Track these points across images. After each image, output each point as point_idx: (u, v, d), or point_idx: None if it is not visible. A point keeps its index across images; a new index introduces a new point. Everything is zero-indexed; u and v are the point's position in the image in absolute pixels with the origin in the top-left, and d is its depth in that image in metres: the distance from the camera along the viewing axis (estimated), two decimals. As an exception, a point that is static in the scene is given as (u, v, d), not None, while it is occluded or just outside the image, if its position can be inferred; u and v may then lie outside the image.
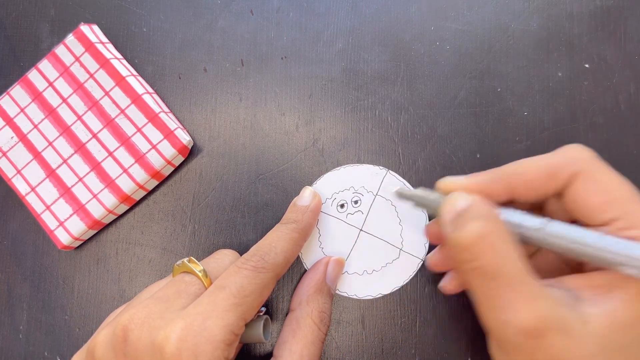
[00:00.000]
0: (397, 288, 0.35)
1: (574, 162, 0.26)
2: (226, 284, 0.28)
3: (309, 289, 0.34)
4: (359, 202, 0.36)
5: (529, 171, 0.27)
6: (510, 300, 0.23)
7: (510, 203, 0.28)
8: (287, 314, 0.34)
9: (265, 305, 0.36)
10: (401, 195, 0.31)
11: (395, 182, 0.36)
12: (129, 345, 0.26)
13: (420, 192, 0.30)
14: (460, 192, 0.27)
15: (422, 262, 0.35)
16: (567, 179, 0.26)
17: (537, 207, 0.30)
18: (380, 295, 0.35)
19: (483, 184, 0.28)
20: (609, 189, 0.25)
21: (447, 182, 0.29)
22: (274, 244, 0.31)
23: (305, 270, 0.36)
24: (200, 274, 0.29)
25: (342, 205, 0.36)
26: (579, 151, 0.26)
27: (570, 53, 0.36)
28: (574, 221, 0.27)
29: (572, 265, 0.29)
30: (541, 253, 0.31)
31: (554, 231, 0.25)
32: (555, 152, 0.27)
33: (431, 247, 0.35)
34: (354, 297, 0.36)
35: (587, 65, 0.36)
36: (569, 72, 0.36)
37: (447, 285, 0.32)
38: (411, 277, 0.35)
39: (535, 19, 0.37)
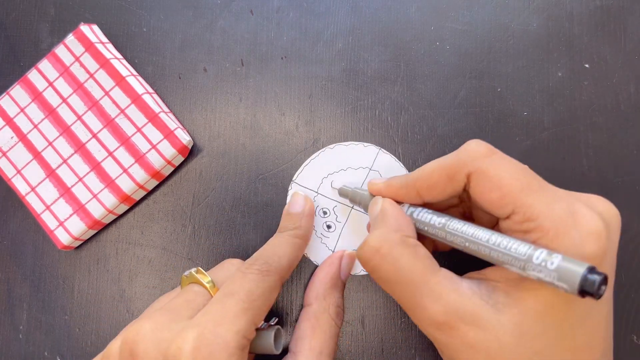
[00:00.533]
0: None
1: (469, 161, 0.26)
2: (233, 289, 0.27)
3: (324, 284, 0.34)
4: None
5: (431, 175, 0.28)
6: (416, 300, 0.25)
7: (428, 204, 0.29)
8: (300, 307, 0.33)
9: (277, 315, 0.36)
10: (341, 192, 0.35)
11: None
12: (137, 358, 0.26)
13: (353, 191, 0.34)
14: (377, 198, 0.31)
15: None
16: (464, 179, 0.26)
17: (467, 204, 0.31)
18: None
19: (395, 189, 0.30)
20: (502, 183, 0.25)
21: (371, 184, 0.32)
22: (276, 249, 0.31)
23: (314, 265, 0.36)
24: (208, 285, 0.29)
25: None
26: (474, 149, 0.26)
27: (570, 53, 0.36)
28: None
29: None
30: None
31: (452, 229, 0.26)
32: (455, 152, 0.27)
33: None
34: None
35: (587, 65, 0.36)
36: (569, 72, 0.36)
37: None
38: None
39: (535, 19, 0.37)
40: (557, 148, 0.36)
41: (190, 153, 0.38)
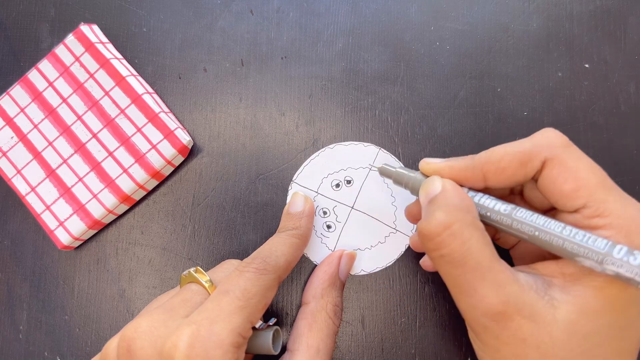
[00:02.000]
0: (391, 263, 0.36)
1: (546, 148, 0.26)
2: (229, 287, 0.27)
3: (322, 283, 0.34)
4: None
5: (501, 159, 0.27)
6: (476, 285, 0.24)
7: (487, 189, 0.28)
8: (299, 308, 0.34)
9: (276, 315, 0.36)
10: (383, 172, 0.32)
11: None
12: (133, 355, 0.26)
13: (401, 170, 0.31)
14: (435, 177, 0.28)
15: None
16: (538, 166, 0.26)
17: (517, 193, 0.30)
18: (375, 270, 0.36)
19: (458, 170, 0.28)
20: (578, 176, 0.25)
21: (427, 163, 0.30)
22: (274, 248, 0.31)
23: (313, 265, 0.36)
24: (206, 284, 0.29)
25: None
26: (552, 137, 0.26)
27: (570, 53, 0.36)
28: (553, 208, 0.28)
29: (550, 254, 0.29)
30: (524, 242, 0.31)
31: (520, 217, 0.25)
32: (529, 138, 0.27)
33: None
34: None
35: (587, 65, 0.36)
36: (568, 72, 0.36)
37: (426, 261, 0.33)
38: (402, 252, 0.36)
39: (535, 19, 0.37)
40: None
41: (190, 153, 0.38)
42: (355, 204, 0.36)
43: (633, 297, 0.23)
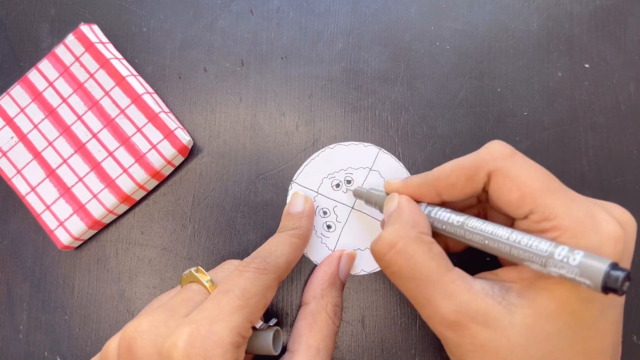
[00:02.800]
0: None
1: (489, 161, 0.26)
2: (229, 287, 0.28)
3: (322, 283, 0.34)
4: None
5: (449, 175, 0.28)
6: (429, 297, 0.25)
7: (445, 203, 0.29)
8: (299, 308, 0.34)
9: (276, 316, 0.36)
10: (356, 193, 0.35)
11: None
12: (134, 354, 0.26)
13: (368, 191, 0.33)
14: (394, 195, 0.30)
15: None
16: (484, 179, 0.27)
17: (485, 201, 0.31)
18: (375, 270, 0.36)
19: (414, 187, 0.30)
20: (522, 183, 0.25)
21: (387, 183, 0.31)
22: (274, 248, 0.31)
23: (313, 265, 0.36)
24: (207, 284, 0.29)
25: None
26: (495, 149, 0.27)
27: (570, 53, 0.36)
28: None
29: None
30: None
31: (471, 227, 0.26)
32: (475, 152, 0.27)
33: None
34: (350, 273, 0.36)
35: (587, 65, 0.36)
36: (569, 72, 0.36)
37: None
38: None
39: (535, 19, 0.37)
40: (557, 148, 0.36)
41: (190, 153, 0.38)
42: (356, 204, 0.36)
43: (587, 296, 0.24)
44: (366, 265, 0.36)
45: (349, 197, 0.36)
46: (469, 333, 0.24)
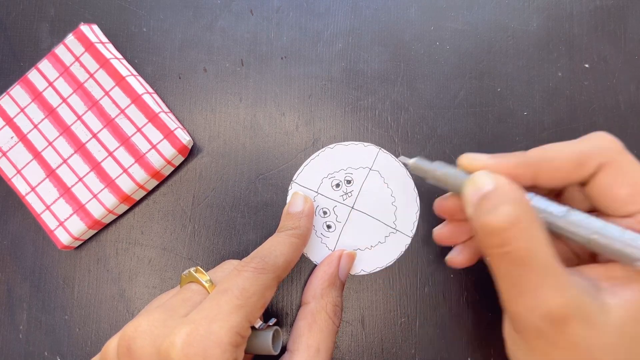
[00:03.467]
0: (391, 263, 0.36)
1: (603, 151, 0.26)
2: (228, 287, 0.27)
3: (322, 283, 0.34)
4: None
5: (557, 158, 0.26)
6: (538, 286, 0.23)
7: (531, 188, 0.27)
8: (299, 308, 0.34)
9: (276, 316, 0.36)
10: (417, 168, 0.30)
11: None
12: (133, 354, 0.26)
13: (439, 166, 0.29)
14: (485, 172, 0.26)
15: (410, 239, 0.36)
16: (594, 168, 0.26)
17: (556, 194, 0.30)
18: (375, 270, 0.36)
19: (507, 167, 0.27)
20: (635, 181, 0.25)
21: (470, 159, 0.28)
22: (273, 248, 0.31)
23: (313, 265, 0.36)
24: (206, 284, 0.29)
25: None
26: (608, 140, 0.26)
27: (570, 53, 0.36)
28: (593, 210, 0.27)
29: (583, 257, 0.29)
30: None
31: (576, 220, 0.25)
32: (583, 139, 0.26)
33: (419, 226, 0.36)
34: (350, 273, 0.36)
35: (587, 65, 0.36)
36: (568, 72, 0.36)
37: (455, 257, 0.32)
38: (402, 253, 0.36)
39: (535, 19, 0.37)
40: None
41: (190, 153, 0.38)
42: (355, 204, 0.36)
43: None
44: (366, 265, 0.36)
45: (349, 196, 0.36)
46: (569, 329, 0.23)
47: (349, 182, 0.36)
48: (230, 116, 0.38)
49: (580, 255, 0.29)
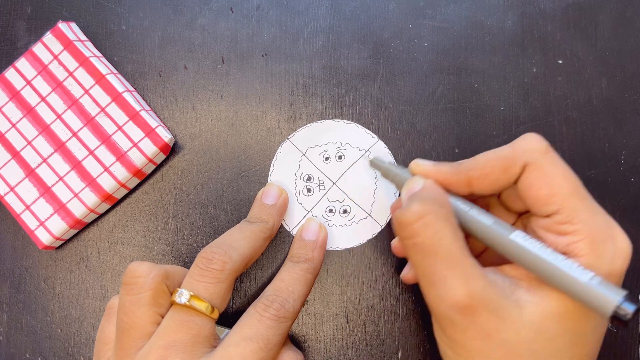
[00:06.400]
0: (362, 244, 0.36)
1: (527, 153, 0.26)
2: (251, 335, 0.28)
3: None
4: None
5: (485, 165, 0.28)
6: (445, 276, 0.25)
7: (472, 195, 0.29)
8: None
9: None
10: (374, 163, 0.34)
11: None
12: None
13: (390, 166, 0.33)
14: (419, 176, 0.30)
15: (381, 228, 0.37)
16: (519, 171, 0.27)
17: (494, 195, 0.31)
18: (347, 248, 0.36)
19: (444, 174, 0.29)
20: (554, 183, 0.26)
21: (416, 164, 0.30)
22: (291, 289, 0.31)
23: (287, 231, 0.36)
24: (207, 312, 0.28)
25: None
26: (532, 142, 0.27)
27: (544, 49, 0.37)
28: (527, 211, 0.29)
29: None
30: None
31: (497, 233, 0.27)
32: (511, 143, 0.28)
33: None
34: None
35: (560, 61, 0.37)
36: (543, 68, 0.37)
37: (406, 275, 0.33)
38: (375, 235, 0.36)
39: (510, 16, 0.38)
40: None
41: (172, 151, 0.38)
42: (338, 182, 0.36)
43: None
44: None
45: (335, 172, 0.37)
46: (479, 320, 0.24)
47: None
48: (212, 114, 0.38)
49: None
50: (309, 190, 0.37)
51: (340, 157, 0.37)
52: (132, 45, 0.39)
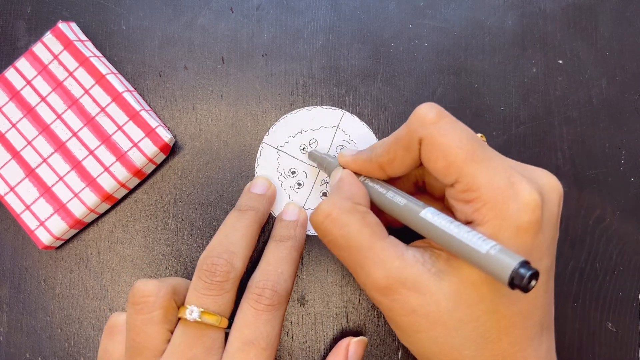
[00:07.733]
0: None
1: (419, 127, 0.26)
2: (251, 337, 0.28)
3: None
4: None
5: (389, 150, 0.28)
6: (362, 264, 0.26)
7: (391, 179, 0.30)
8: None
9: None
10: (312, 155, 0.36)
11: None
12: None
13: (324, 156, 0.34)
14: (337, 168, 0.31)
15: None
16: (417, 148, 0.26)
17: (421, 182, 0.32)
18: None
19: (361, 163, 0.30)
20: (448, 152, 0.25)
21: (341, 155, 0.32)
22: (280, 270, 0.31)
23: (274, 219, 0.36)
24: (218, 323, 0.29)
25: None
26: (422, 114, 0.26)
27: (544, 49, 0.37)
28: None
29: None
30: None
31: (394, 204, 0.28)
32: (407, 121, 0.27)
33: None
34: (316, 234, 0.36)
35: (560, 61, 0.37)
36: (543, 68, 0.37)
37: None
38: None
39: (510, 16, 0.38)
40: (533, 142, 0.37)
41: (172, 151, 0.38)
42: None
43: None
44: None
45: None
46: (400, 298, 0.25)
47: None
48: (212, 114, 0.38)
49: None
50: (299, 184, 0.37)
51: (314, 143, 0.37)
52: (132, 45, 0.39)
